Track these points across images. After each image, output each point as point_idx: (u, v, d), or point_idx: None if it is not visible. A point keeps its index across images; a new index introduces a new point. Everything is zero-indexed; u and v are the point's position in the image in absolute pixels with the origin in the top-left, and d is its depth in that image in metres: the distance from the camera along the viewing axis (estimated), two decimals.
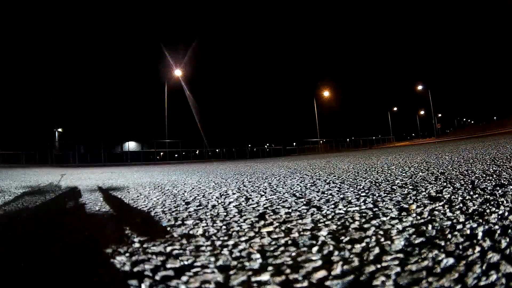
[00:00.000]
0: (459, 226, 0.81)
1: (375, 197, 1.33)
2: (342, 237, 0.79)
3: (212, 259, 0.70)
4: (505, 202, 1.03)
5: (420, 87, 35.86)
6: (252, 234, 0.89)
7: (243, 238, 0.85)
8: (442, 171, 2.13)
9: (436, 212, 0.97)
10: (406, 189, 1.46)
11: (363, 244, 0.73)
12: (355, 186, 1.74)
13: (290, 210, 1.18)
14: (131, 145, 22.65)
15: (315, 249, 0.73)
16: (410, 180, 1.80)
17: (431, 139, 32.25)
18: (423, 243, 0.70)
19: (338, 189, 1.67)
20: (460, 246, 0.66)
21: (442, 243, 0.69)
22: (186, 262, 0.69)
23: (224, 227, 0.99)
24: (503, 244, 0.65)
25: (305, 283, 0.56)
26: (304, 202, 1.32)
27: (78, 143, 19.37)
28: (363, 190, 1.56)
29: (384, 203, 1.19)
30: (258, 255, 0.71)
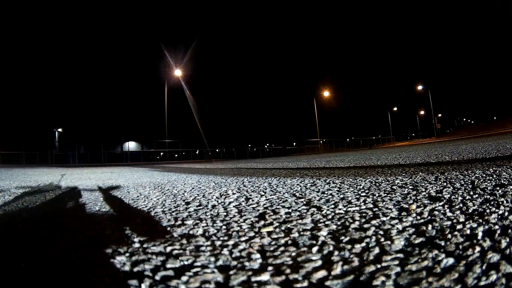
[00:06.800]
0: (459, 226, 0.81)
1: (375, 197, 1.33)
2: (342, 237, 0.79)
3: (212, 259, 0.70)
4: (505, 202, 1.03)
5: (420, 87, 35.89)
6: (252, 234, 0.89)
7: (243, 238, 0.85)
8: (442, 171, 2.13)
9: (436, 212, 0.97)
10: (406, 189, 1.46)
11: (363, 244, 0.73)
12: (355, 186, 1.74)
13: (290, 210, 1.18)
14: (131, 145, 22.66)
15: (315, 249, 0.72)
16: (410, 180, 1.80)
17: (431, 139, 32.26)
18: (423, 243, 0.70)
19: (338, 189, 1.67)
20: (460, 246, 0.66)
21: (442, 243, 0.69)
22: (186, 262, 0.69)
23: (224, 227, 0.99)
24: (503, 244, 0.65)
25: (305, 283, 0.56)
26: (304, 202, 1.32)
27: (78, 143, 19.38)
28: (363, 190, 1.56)
29: (384, 203, 1.18)
30: (258, 255, 0.71)
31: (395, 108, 47.81)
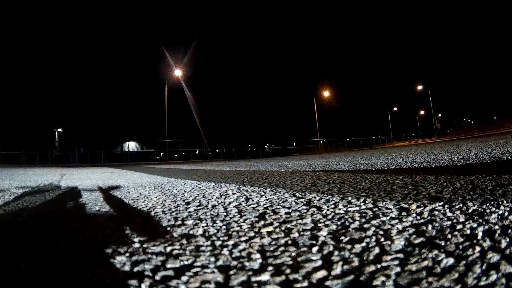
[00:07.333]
0: (459, 226, 0.81)
1: (375, 197, 1.33)
2: (342, 237, 0.79)
3: (212, 259, 0.70)
4: (505, 202, 1.03)
5: (420, 87, 35.88)
6: (252, 234, 0.89)
7: (243, 238, 0.85)
8: (442, 171, 2.13)
9: (436, 212, 0.97)
10: (406, 189, 1.46)
11: (363, 244, 0.73)
12: (355, 186, 1.74)
13: (290, 210, 1.18)
14: (131, 145, 22.67)
15: (315, 249, 0.72)
16: (410, 180, 1.80)
17: (431, 139, 32.26)
18: (423, 243, 0.70)
19: (338, 189, 1.67)
20: (460, 246, 0.66)
21: (442, 243, 0.69)
22: (186, 262, 0.69)
23: (224, 227, 0.99)
24: (503, 244, 0.65)
25: (305, 283, 0.56)
26: (304, 202, 1.32)
27: (78, 143, 19.38)
28: (363, 190, 1.56)
29: (384, 203, 1.18)
30: (258, 255, 0.71)
31: (395, 108, 47.82)
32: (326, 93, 30.97)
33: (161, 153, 21.75)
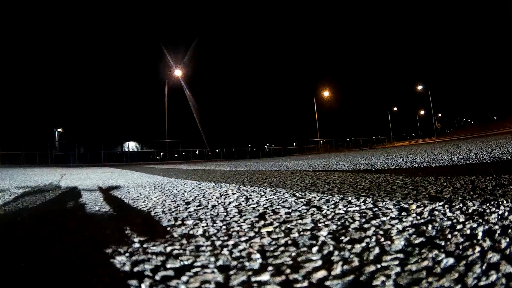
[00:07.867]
0: (459, 226, 0.81)
1: (375, 197, 1.33)
2: (342, 237, 0.79)
3: (212, 259, 0.70)
4: (505, 202, 1.03)
5: (420, 87, 35.87)
6: (252, 234, 0.89)
7: (243, 238, 0.85)
8: (442, 171, 2.13)
9: (436, 212, 0.97)
10: (406, 189, 1.46)
11: (363, 244, 0.73)
12: (355, 186, 1.74)
13: (290, 210, 1.18)
14: (131, 145, 22.67)
15: (315, 249, 0.72)
16: (410, 180, 1.80)
17: (431, 139, 32.26)
18: (423, 243, 0.70)
19: (338, 189, 1.67)
20: (460, 246, 0.66)
21: (442, 243, 0.69)
22: (186, 262, 0.69)
23: (224, 227, 0.99)
24: (503, 244, 0.65)
25: (305, 283, 0.56)
26: (304, 202, 1.32)
27: (78, 143, 19.37)
28: (363, 190, 1.56)
29: (384, 203, 1.18)
30: (258, 255, 0.71)
31: (395, 108, 47.84)
32: (326, 93, 30.97)
33: (161, 153, 21.76)
